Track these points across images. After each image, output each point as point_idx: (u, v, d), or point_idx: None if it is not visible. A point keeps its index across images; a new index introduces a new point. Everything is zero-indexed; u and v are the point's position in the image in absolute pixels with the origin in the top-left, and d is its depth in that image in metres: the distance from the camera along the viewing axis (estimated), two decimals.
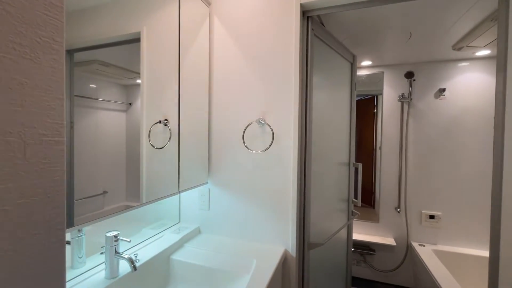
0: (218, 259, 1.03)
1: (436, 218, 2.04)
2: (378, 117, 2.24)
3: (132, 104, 0.86)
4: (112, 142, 0.80)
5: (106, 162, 0.78)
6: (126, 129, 0.85)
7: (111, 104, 0.80)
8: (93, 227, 0.92)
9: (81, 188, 0.71)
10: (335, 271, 1.64)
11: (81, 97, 0.70)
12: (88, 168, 0.73)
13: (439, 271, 1.65)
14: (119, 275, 0.85)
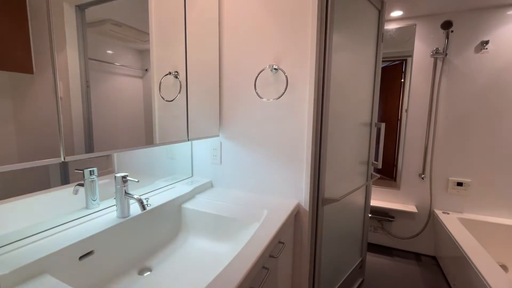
0: (229, 209, 1.02)
1: (465, 186, 1.90)
2: (406, 83, 2.04)
3: (148, 70, 0.86)
4: (130, 107, 0.80)
5: (125, 127, 0.78)
6: (144, 95, 0.84)
7: (128, 70, 0.79)
8: (110, 180, 0.93)
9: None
10: (350, 235, 1.60)
11: (97, 60, 0.69)
12: (108, 129, 0.73)
13: (464, 239, 1.55)
14: (130, 215, 0.86)
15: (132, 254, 0.85)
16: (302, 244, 1.11)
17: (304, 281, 1.14)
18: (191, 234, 1.02)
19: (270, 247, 0.76)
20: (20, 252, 0.62)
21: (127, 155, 0.98)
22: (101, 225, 0.78)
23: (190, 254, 0.91)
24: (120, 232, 0.81)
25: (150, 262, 0.86)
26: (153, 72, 0.87)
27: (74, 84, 0.64)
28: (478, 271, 1.26)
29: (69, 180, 0.81)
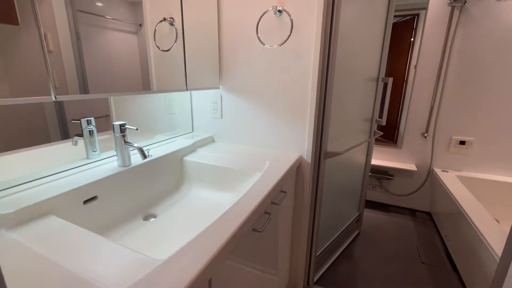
0: (231, 161, 1.01)
1: (467, 144, 1.89)
2: (416, 41, 1.90)
3: (142, 25, 0.79)
4: (125, 58, 0.75)
5: (120, 74, 0.74)
6: (139, 48, 0.79)
7: (121, 25, 0.72)
8: (110, 136, 0.90)
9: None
10: (350, 191, 1.63)
11: (86, 12, 0.64)
12: (102, 74, 0.69)
13: (462, 195, 1.59)
14: (132, 165, 0.85)
15: (137, 202, 0.86)
16: (303, 195, 1.13)
17: (304, 229, 1.19)
18: (194, 185, 1.03)
19: (272, 194, 0.76)
20: (24, 194, 0.62)
21: (125, 110, 0.94)
22: (103, 172, 0.78)
23: (194, 202, 0.93)
24: (122, 180, 0.81)
25: (155, 210, 0.88)
26: (146, 19, 0.79)
27: (63, 35, 0.59)
28: (471, 221, 1.31)
29: (69, 135, 0.79)
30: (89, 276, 0.41)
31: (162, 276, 0.41)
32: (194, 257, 0.46)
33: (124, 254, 0.47)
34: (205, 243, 0.50)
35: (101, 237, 0.52)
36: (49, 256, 0.46)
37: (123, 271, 0.42)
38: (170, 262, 0.45)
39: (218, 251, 0.48)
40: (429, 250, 1.68)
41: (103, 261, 0.45)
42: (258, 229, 0.68)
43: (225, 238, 0.51)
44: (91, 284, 0.39)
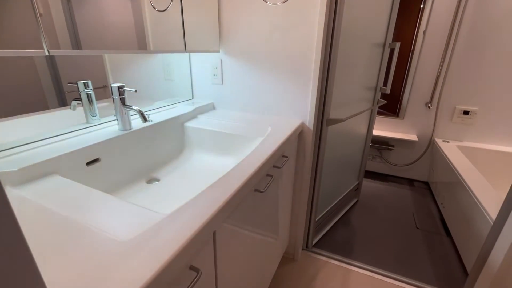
0: (233, 127, 1.00)
1: (471, 114, 1.87)
2: (426, 8, 1.78)
3: None
4: (120, 24, 0.71)
5: (115, 33, 0.70)
6: (134, 12, 0.74)
7: None
8: (109, 104, 0.88)
9: None
10: (350, 160, 1.64)
11: None
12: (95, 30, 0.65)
13: (461, 164, 1.60)
14: (132, 128, 0.85)
15: (139, 166, 0.86)
16: (304, 161, 1.14)
17: (304, 194, 1.22)
18: (196, 151, 1.03)
19: (274, 157, 0.76)
20: (25, 155, 0.62)
21: (122, 77, 0.91)
22: (104, 135, 0.77)
23: (196, 167, 0.94)
24: (123, 143, 0.81)
25: (158, 174, 0.89)
26: None
27: None
28: (468, 188, 1.33)
29: (67, 103, 0.78)
30: (96, 227, 0.42)
31: (168, 227, 0.42)
32: (199, 211, 0.46)
33: (129, 208, 0.48)
34: (209, 199, 0.50)
35: (106, 194, 0.52)
36: (57, 210, 0.47)
37: (129, 223, 0.43)
38: (175, 215, 0.45)
39: (222, 206, 0.49)
40: (424, 216, 1.74)
41: (109, 215, 0.45)
42: (261, 189, 0.69)
43: (228, 194, 0.52)
44: (99, 234, 0.40)
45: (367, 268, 1.31)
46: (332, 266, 1.32)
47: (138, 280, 0.32)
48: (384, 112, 2.17)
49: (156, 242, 0.38)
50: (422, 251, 1.44)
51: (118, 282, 0.32)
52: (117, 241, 0.39)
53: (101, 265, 0.34)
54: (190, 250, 0.40)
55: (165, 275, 0.35)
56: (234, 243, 0.64)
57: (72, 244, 0.38)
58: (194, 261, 0.45)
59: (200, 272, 0.43)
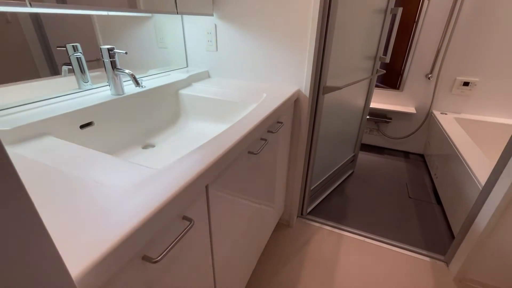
0: (227, 94, 0.99)
1: (471, 85, 1.84)
2: None
3: None
4: None
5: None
6: None
7: None
8: (101, 73, 0.86)
9: None
10: (346, 131, 1.65)
11: None
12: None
13: (457, 135, 1.60)
14: (125, 93, 0.84)
15: (135, 132, 0.87)
16: (300, 129, 1.15)
17: (300, 162, 1.23)
18: (191, 118, 1.03)
19: (268, 121, 0.77)
20: (18, 116, 0.62)
21: (114, 44, 0.88)
22: (96, 100, 0.76)
23: (191, 133, 0.94)
24: (117, 108, 0.80)
25: (153, 140, 0.89)
26: None
27: None
28: (461, 157, 1.36)
29: (59, 72, 0.76)
30: (92, 180, 0.43)
31: (160, 179, 0.43)
32: (190, 165, 0.47)
33: (123, 164, 0.48)
34: (201, 155, 0.51)
35: (101, 153, 0.53)
36: (53, 165, 0.48)
37: (123, 177, 0.44)
38: (167, 169, 0.46)
39: (213, 161, 0.50)
40: (417, 186, 1.79)
41: (104, 170, 0.46)
42: (254, 151, 0.70)
43: (220, 152, 0.53)
44: (95, 185, 0.42)
45: (358, 233, 1.37)
46: (325, 232, 1.38)
47: (131, 221, 0.34)
48: (385, 87, 2.13)
49: (148, 191, 0.40)
50: (412, 218, 1.49)
51: (113, 223, 0.33)
52: (112, 190, 0.40)
53: (95, 210, 0.36)
54: (181, 200, 0.42)
55: (157, 221, 0.37)
56: (229, 200, 0.67)
57: (68, 194, 0.39)
58: (187, 211, 0.47)
59: (193, 221, 0.45)
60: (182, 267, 0.51)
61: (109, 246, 0.30)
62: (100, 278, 0.30)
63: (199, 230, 0.54)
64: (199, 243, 0.56)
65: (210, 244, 0.61)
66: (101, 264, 0.29)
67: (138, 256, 0.37)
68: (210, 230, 0.58)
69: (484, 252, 1.04)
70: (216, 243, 0.64)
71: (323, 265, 1.19)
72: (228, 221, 0.69)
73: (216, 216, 0.60)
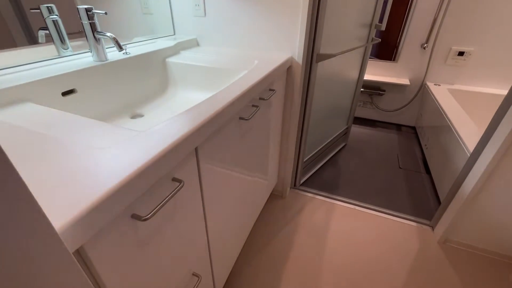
0: (217, 62, 0.95)
1: (465, 55, 1.82)
2: None
3: None
4: None
5: None
6: None
7: None
8: (84, 43, 0.80)
9: None
10: (340, 104, 1.63)
11: None
12: None
13: (449, 106, 1.61)
14: (109, 59, 0.79)
15: (122, 101, 0.83)
16: (293, 98, 1.13)
17: (293, 133, 1.23)
18: (180, 88, 0.99)
19: (258, 87, 0.74)
20: None
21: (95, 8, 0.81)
22: (78, 65, 0.72)
23: (181, 103, 0.91)
24: (100, 75, 0.76)
25: (142, 110, 0.86)
26: None
27: None
28: (452, 127, 1.37)
29: (37, 41, 0.71)
30: (77, 141, 0.41)
31: (146, 140, 0.42)
32: (178, 127, 0.46)
33: (108, 127, 0.46)
34: (189, 118, 0.49)
35: (83, 117, 0.51)
36: (36, 129, 0.45)
37: (108, 138, 0.43)
38: (154, 131, 0.45)
39: (201, 123, 0.48)
40: (407, 157, 1.82)
41: (88, 132, 0.44)
42: (245, 117, 0.69)
43: (207, 115, 0.51)
44: (80, 147, 0.40)
45: (349, 201, 1.41)
46: (317, 201, 1.41)
47: (115, 179, 0.33)
48: (380, 60, 2.09)
49: (133, 151, 0.38)
50: (402, 187, 1.54)
51: (97, 180, 0.32)
52: (96, 150, 0.39)
53: (79, 168, 0.34)
54: (169, 161, 0.41)
55: (142, 179, 0.36)
56: (221, 165, 0.66)
57: (51, 154, 0.38)
58: (176, 173, 0.46)
59: (183, 183, 0.45)
60: (175, 228, 0.52)
61: (93, 201, 0.29)
62: (86, 232, 0.29)
63: (190, 193, 0.54)
64: (191, 206, 0.56)
65: (202, 208, 0.61)
66: (85, 218, 0.28)
67: (127, 214, 0.37)
68: (202, 194, 0.58)
69: (468, 215, 1.09)
70: (209, 208, 0.65)
71: (315, 232, 1.24)
72: (221, 186, 0.70)
73: (208, 180, 0.60)
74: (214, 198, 0.67)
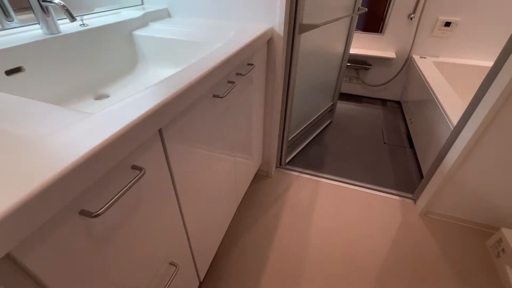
0: (192, 34, 0.86)
1: (452, 26, 1.77)
2: None
3: None
4: None
5: None
6: None
7: None
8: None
9: None
10: (325, 79, 1.57)
11: None
12: None
13: (434, 79, 1.58)
14: (61, 32, 0.69)
15: (83, 80, 0.74)
16: (275, 73, 1.06)
17: (276, 111, 1.18)
18: (151, 64, 0.90)
19: (234, 61, 0.67)
20: None
21: None
22: (24, 39, 0.62)
23: (151, 81, 0.83)
24: (52, 50, 0.67)
25: (108, 90, 0.78)
26: None
27: None
28: (437, 100, 1.36)
29: None
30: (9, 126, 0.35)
31: (96, 123, 0.35)
32: (137, 107, 0.40)
33: (52, 109, 0.40)
34: (148, 98, 0.43)
35: (25, 98, 0.43)
36: None
37: (48, 124, 0.36)
38: (107, 112, 0.39)
39: (165, 104, 0.42)
40: (392, 132, 1.82)
41: (25, 117, 0.37)
42: (220, 95, 0.62)
43: (172, 93, 0.45)
44: (11, 133, 0.33)
45: (334, 178, 1.40)
46: (303, 179, 1.40)
47: (50, 171, 0.27)
48: (367, 31, 2.00)
49: (77, 136, 0.32)
50: (386, 162, 1.55)
51: (30, 170, 0.27)
52: (31, 136, 0.32)
53: (8, 157, 0.28)
54: (124, 147, 0.35)
55: (89, 169, 0.30)
56: (193, 147, 0.61)
57: None
58: (137, 160, 0.41)
59: (144, 170, 0.40)
60: (141, 220, 0.47)
61: (17, 201, 0.24)
62: (11, 237, 0.24)
63: (158, 180, 0.49)
64: (161, 194, 0.51)
65: (175, 195, 0.56)
66: (8, 220, 0.23)
67: (74, 210, 0.32)
68: (173, 180, 0.54)
69: (448, 188, 1.10)
70: (183, 194, 0.60)
71: (300, 210, 1.23)
72: (196, 170, 0.65)
73: (179, 165, 0.55)
74: (188, 184, 0.62)
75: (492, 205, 1.08)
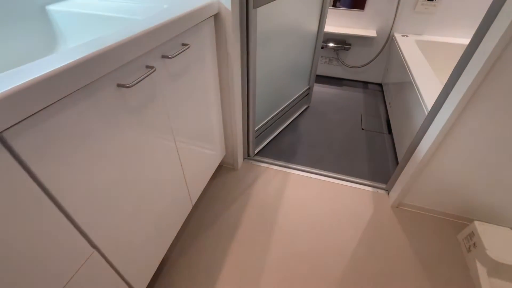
0: (117, 8, 0.72)
1: (436, 0, 1.64)
2: None
3: None
4: None
5: None
6: None
7: None
8: None
9: None
10: (297, 62, 1.44)
11: None
12: None
13: (414, 59, 1.47)
14: None
15: None
16: (228, 58, 0.93)
17: (236, 99, 1.05)
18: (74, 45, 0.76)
19: (151, 41, 0.54)
20: None
21: None
22: None
23: None
24: None
25: None
26: None
27: None
28: (414, 83, 1.25)
29: None
30: None
31: None
32: None
33: None
34: None
35: None
36: None
37: None
38: None
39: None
40: (371, 117, 1.73)
41: None
42: (126, 84, 0.50)
43: (18, 84, 0.32)
44: None
45: (304, 169, 1.31)
46: (271, 171, 1.31)
47: None
48: (351, 9, 1.84)
49: None
50: (362, 150, 1.46)
51: None
52: None
53: None
54: None
55: None
56: (80, 141, 0.49)
57: None
58: None
59: None
60: None
61: None
62: None
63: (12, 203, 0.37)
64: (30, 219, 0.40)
65: (62, 213, 0.45)
66: None
67: None
68: (53, 197, 0.42)
69: (423, 178, 1.02)
70: (79, 213, 0.49)
71: (267, 204, 1.15)
72: (97, 172, 0.54)
73: (58, 173, 0.44)
74: (85, 193, 0.51)
75: (466, 196, 1.01)
